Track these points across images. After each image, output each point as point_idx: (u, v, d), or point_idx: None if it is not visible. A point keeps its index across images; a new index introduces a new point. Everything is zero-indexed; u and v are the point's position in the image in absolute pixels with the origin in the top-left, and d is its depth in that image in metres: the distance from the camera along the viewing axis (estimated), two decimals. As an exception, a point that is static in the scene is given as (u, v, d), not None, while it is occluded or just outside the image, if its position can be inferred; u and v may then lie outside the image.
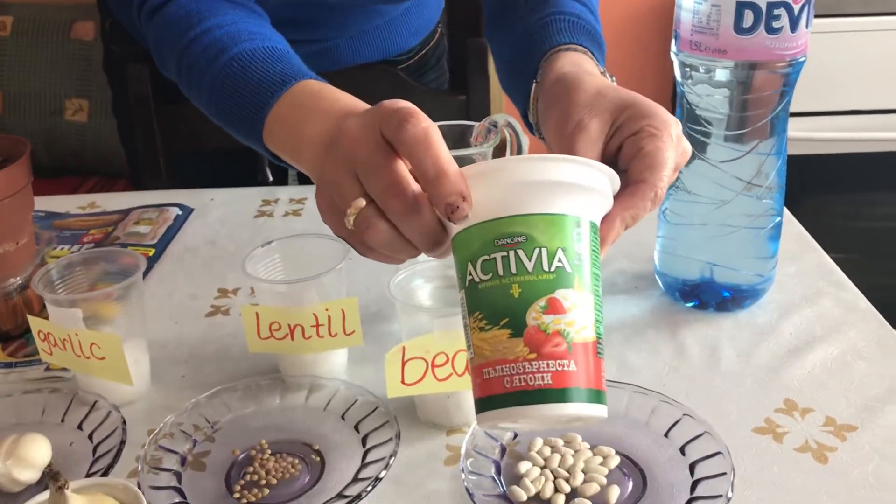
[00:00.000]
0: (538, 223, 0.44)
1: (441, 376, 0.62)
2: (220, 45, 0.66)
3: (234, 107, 0.64)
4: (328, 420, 0.65)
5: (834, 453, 0.62)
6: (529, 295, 0.44)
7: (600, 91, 0.56)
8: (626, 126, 0.54)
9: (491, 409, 0.44)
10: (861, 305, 0.80)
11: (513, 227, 0.44)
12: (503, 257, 0.44)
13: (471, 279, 0.45)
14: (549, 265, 0.44)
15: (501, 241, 0.44)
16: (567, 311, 0.44)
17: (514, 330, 0.43)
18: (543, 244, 0.44)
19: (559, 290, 0.44)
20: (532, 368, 0.43)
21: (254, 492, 0.59)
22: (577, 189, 0.45)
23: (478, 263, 0.45)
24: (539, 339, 0.43)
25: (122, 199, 1.09)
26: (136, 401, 0.71)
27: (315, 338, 0.67)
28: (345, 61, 1.08)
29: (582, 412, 0.44)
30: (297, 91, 0.61)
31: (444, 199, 0.45)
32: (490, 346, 0.44)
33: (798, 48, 0.68)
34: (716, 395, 0.68)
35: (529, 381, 0.43)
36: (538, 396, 0.43)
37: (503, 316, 0.44)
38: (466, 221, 0.46)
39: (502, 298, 0.44)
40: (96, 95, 2.01)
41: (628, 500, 0.57)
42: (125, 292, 0.68)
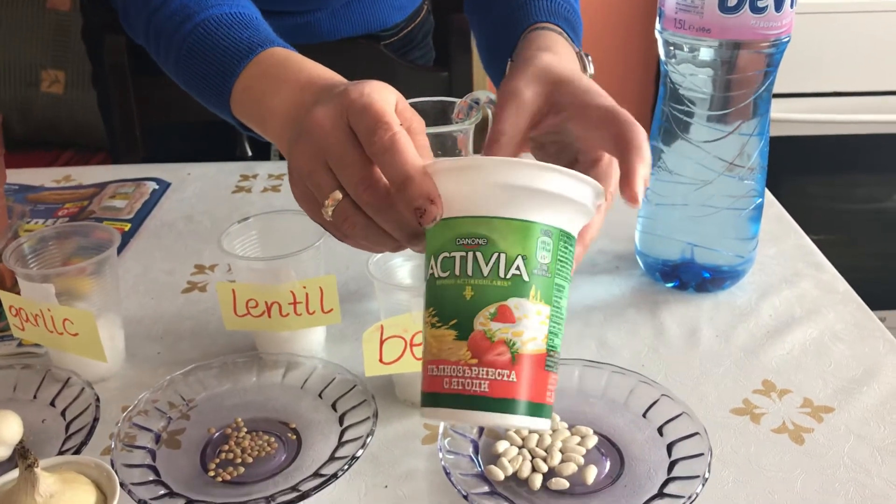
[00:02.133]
0: (501, 227, 0.43)
1: (419, 355, 0.61)
2: (185, 11, 0.65)
3: (201, 77, 0.63)
4: (305, 398, 0.65)
5: (810, 434, 0.62)
6: (480, 299, 0.43)
7: (540, 66, 0.56)
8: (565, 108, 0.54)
9: (432, 406, 0.44)
10: (840, 287, 0.80)
11: (476, 228, 0.43)
12: (462, 257, 0.43)
13: (431, 273, 0.45)
14: (505, 272, 0.43)
15: (463, 240, 0.44)
16: (516, 321, 0.43)
17: (461, 332, 0.43)
18: (503, 249, 0.43)
19: (511, 299, 0.43)
20: (471, 374, 0.43)
21: (229, 470, 0.58)
22: (549, 197, 0.44)
23: (439, 259, 0.44)
24: (483, 346, 0.43)
25: (98, 172, 1.07)
26: (111, 377, 0.70)
27: (293, 315, 0.66)
28: (326, 35, 1.06)
29: (517, 423, 0.43)
30: (262, 60, 0.60)
31: (411, 205, 0.45)
32: (437, 343, 0.44)
33: (782, 28, 0.68)
34: (694, 375, 0.68)
35: (466, 385, 0.43)
36: (473, 402, 0.43)
37: (452, 316, 0.43)
38: (445, 208, 0.45)
39: (454, 299, 0.44)
40: (73, 67, 1.97)
41: (605, 480, 0.57)
42: (99, 267, 0.67)
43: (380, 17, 1.07)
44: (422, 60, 1.18)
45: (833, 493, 0.56)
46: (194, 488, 0.57)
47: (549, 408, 0.44)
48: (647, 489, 0.56)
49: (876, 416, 0.63)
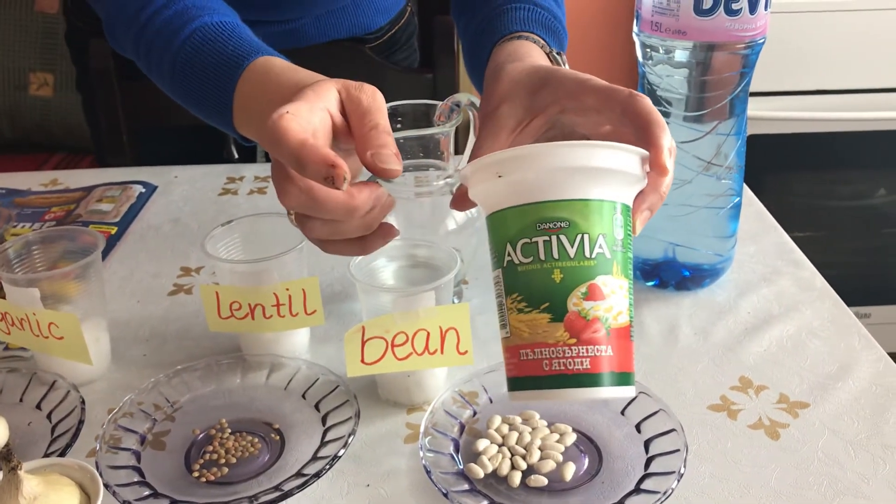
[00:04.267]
0: (581, 209, 0.45)
1: (401, 355, 0.62)
2: (171, 26, 0.66)
3: (199, 100, 0.65)
4: (289, 399, 0.65)
5: (786, 429, 0.63)
6: (571, 281, 0.44)
7: (517, 77, 0.56)
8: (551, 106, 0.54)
9: (527, 389, 0.46)
10: (817, 284, 0.81)
11: (556, 212, 0.45)
12: (545, 242, 0.45)
13: (509, 260, 0.46)
14: (590, 251, 0.45)
15: (543, 225, 0.45)
16: (606, 298, 0.45)
17: (555, 315, 0.45)
18: (586, 230, 0.44)
19: (599, 277, 0.45)
20: (572, 353, 0.44)
21: (213, 470, 0.59)
22: (616, 175, 0.45)
23: (518, 245, 0.45)
24: (579, 325, 0.44)
25: (85, 176, 1.08)
26: (97, 380, 0.70)
27: (276, 317, 0.67)
28: (312, 39, 1.07)
29: (615, 394, 0.45)
30: (248, 77, 0.61)
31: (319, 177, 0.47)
32: (529, 328, 0.45)
33: (757, 30, 0.69)
34: (673, 372, 0.69)
35: (569, 365, 0.44)
36: (576, 380, 0.44)
37: (544, 300, 0.45)
38: (506, 202, 0.46)
39: (543, 283, 0.45)
40: (62, 70, 1.97)
41: (584, 477, 0.58)
42: (83, 271, 0.68)
43: (364, 20, 1.08)
44: (406, 62, 1.19)
45: (806, 487, 0.57)
46: (179, 489, 0.57)
47: (634, 375, 0.47)
48: (625, 485, 0.57)
49: (850, 411, 0.64)
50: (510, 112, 0.55)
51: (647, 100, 0.51)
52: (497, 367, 0.67)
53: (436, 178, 0.74)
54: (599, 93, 0.52)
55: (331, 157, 0.46)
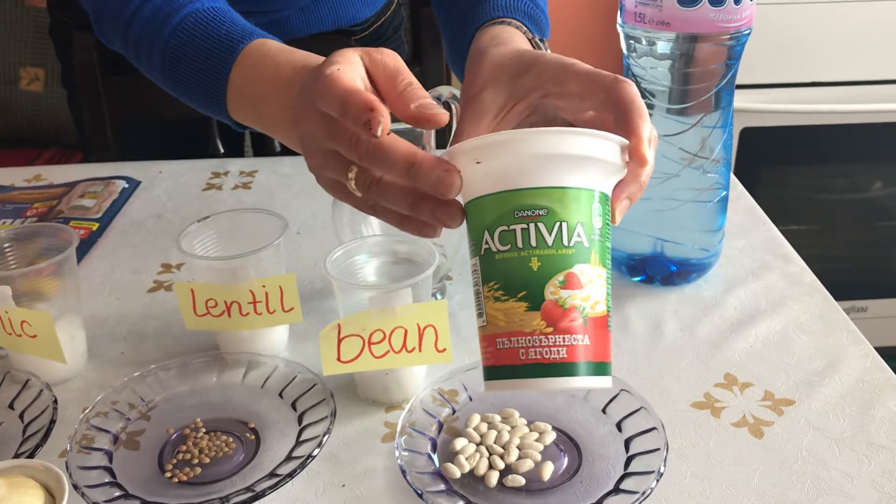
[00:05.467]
0: (560, 197, 0.44)
1: (378, 353, 0.61)
2: (160, 14, 0.64)
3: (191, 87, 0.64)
4: (265, 398, 0.64)
5: (770, 427, 0.62)
6: (548, 269, 0.44)
7: (499, 62, 0.55)
8: (534, 91, 0.53)
9: (502, 378, 0.45)
10: (806, 279, 0.80)
11: (534, 200, 0.44)
12: (523, 229, 0.44)
13: (487, 248, 0.45)
14: (568, 240, 0.44)
15: (521, 212, 0.44)
16: (583, 287, 0.44)
17: (532, 303, 0.44)
18: (564, 218, 0.44)
19: (577, 266, 0.44)
20: (548, 342, 0.44)
21: (185, 470, 0.58)
22: (596, 163, 0.45)
23: (495, 233, 0.45)
24: (556, 313, 0.44)
25: (69, 171, 1.07)
26: (72, 379, 0.69)
27: (252, 315, 0.66)
28: (297, 32, 1.05)
29: (591, 384, 0.45)
30: (243, 61, 0.60)
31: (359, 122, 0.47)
32: (506, 316, 0.44)
33: (742, 20, 0.68)
34: (657, 369, 0.68)
35: (545, 354, 0.44)
36: (552, 369, 0.44)
37: (521, 288, 0.44)
38: (483, 189, 0.45)
39: (520, 271, 0.44)
40: (52, 65, 1.96)
41: (562, 476, 0.57)
42: (58, 268, 0.67)
43: (349, 12, 1.07)
44: (393, 54, 1.18)
45: (789, 486, 0.56)
46: (150, 489, 0.56)
47: (611, 365, 0.46)
48: (604, 485, 0.56)
49: (835, 409, 0.63)
50: (493, 97, 0.54)
51: (632, 86, 0.49)
52: (478, 365, 0.66)
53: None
54: (583, 78, 0.51)
55: (372, 100, 0.46)
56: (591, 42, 1.93)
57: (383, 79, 0.51)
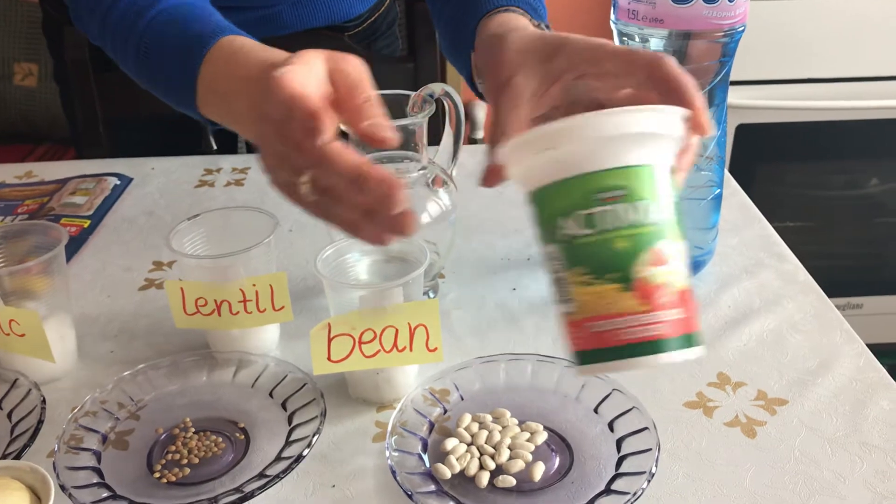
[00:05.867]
0: (637, 175, 0.43)
1: (368, 353, 0.61)
2: (135, 8, 0.64)
3: (164, 86, 0.63)
4: (256, 397, 0.64)
5: (763, 427, 0.61)
6: (635, 248, 0.43)
7: (524, 46, 0.55)
8: (568, 72, 0.53)
9: (601, 361, 0.44)
10: (800, 277, 0.79)
11: (612, 181, 0.43)
12: (604, 212, 0.43)
13: (566, 234, 0.44)
14: (649, 217, 0.43)
15: (602, 195, 0.43)
16: (668, 261, 0.44)
17: (623, 283, 0.43)
18: (643, 196, 0.43)
19: (660, 241, 0.43)
20: (647, 320, 0.43)
21: (174, 471, 0.58)
22: (666, 138, 0.44)
23: (575, 218, 0.44)
24: (648, 289, 0.43)
25: (60, 168, 1.06)
26: (62, 378, 0.69)
27: (243, 313, 0.65)
28: (290, 27, 1.05)
29: (688, 356, 0.44)
30: (214, 57, 0.59)
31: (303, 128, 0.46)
32: (597, 300, 0.44)
33: (736, 17, 0.67)
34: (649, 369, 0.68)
35: (645, 332, 0.43)
36: (652, 347, 0.43)
37: (609, 270, 0.43)
38: (552, 175, 0.44)
39: (607, 253, 0.43)
40: (46, 60, 1.95)
41: (554, 477, 0.57)
42: (47, 267, 0.66)
43: (343, 7, 1.06)
44: (387, 50, 1.17)
45: (782, 487, 0.56)
46: (139, 490, 0.56)
47: (702, 333, 0.46)
48: (595, 485, 0.55)
49: (829, 408, 0.63)
50: (525, 82, 0.54)
51: (673, 61, 0.50)
52: (470, 364, 0.65)
53: (413, 170, 0.73)
54: (620, 57, 0.51)
55: (317, 108, 0.46)
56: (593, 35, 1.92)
57: (343, 88, 0.51)
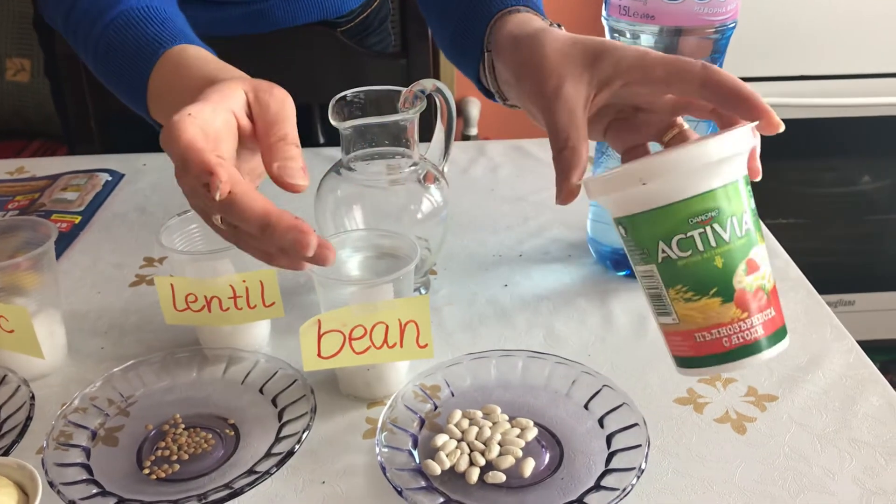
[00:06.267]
0: (724, 195, 0.47)
1: (359, 349, 0.61)
2: (97, 7, 0.64)
3: (117, 86, 0.63)
4: (246, 394, 0.64)
5: (753, 423, 0.62)
6: (732, 263, 0.48)
7: (564, 50, 0.55)
8: (615, 79, 0.54)
9: (707, 366, 0.50)
10: (792, 274, 0.80)
11: (704, 204, 0.47)
12: (701, 234, 0.47)
13: (665, 256, 0.48)
14: (740, 230, 0.48)
15: (695, 218, 0.47)
16: (760, 267, 0.48)
17: (725, 297, 0.48)
18: (732, 213, 0.47)
19: (751, 250, 0.48)
20: (746, 326, 0.48)
21: (164, 467, 0.57)
22: (742, 154, 0.48)
23: (673, 241, 0.48)
24: (747, 298, 0.48)
25: (52, 164, 1.06)
26: (51, 374, 0.69)
27: (233, 310, 0.65)
28: (281, 22, 1.05)
29: (783, 349, 0.49)
30: (163, 64, 0.60)
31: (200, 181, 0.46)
32: (702, 313, 0.48)
33: (727, 14, 0.67)
34: (640, 365, 0.68)
35: (746, 336, 0.48)
36: (754, 348, 0.49)
37: (711, 286, 0.48)
38: (648, 204, 0.47)
39: (707, 271, 0.48)
40: (39, 55, 1.94)
41: (544, 473, 0.57)
42: (36, 262, 0.66)
43: (335, 3, 1.06)
44: (379, 46, 1.17)
45: (771, 483, 0.56)
46: (128, 487, 0.56)
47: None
48: (585, 481, 0.55)
49: (818, 405, 0.63)
50: (576, 91, 0.54)
51: (723, 70, 0.51)
52: (461, 360, 0.65)
53: (404, 166, 0.73)
54: (669, 65, 0.52)
55: (211, 164, 0.45)
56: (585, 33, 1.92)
57: (262, 122, 0.51)
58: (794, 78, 1.67)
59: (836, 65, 1.67)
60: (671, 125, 0.55)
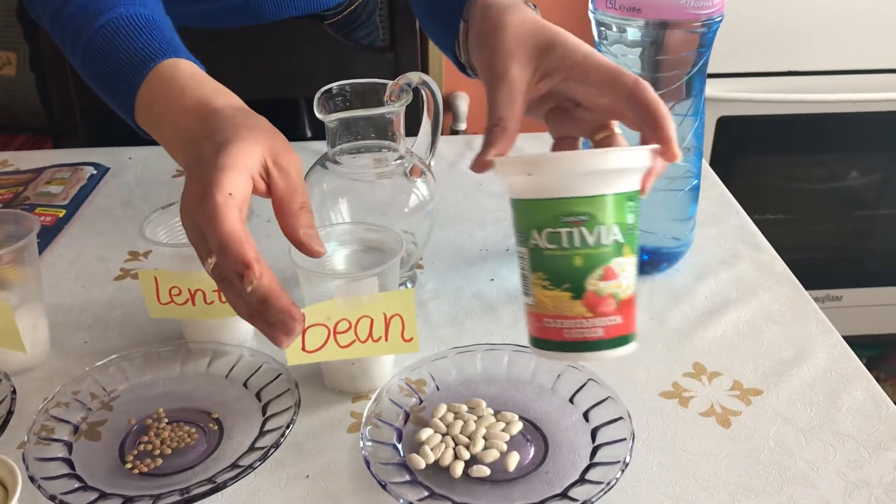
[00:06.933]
0: (600, 203, 0.50)
1: (343, 343, 0.60)
2: (85, 13, 0.63)
3: (106, 94, 0.63)
4: (230, 388, 0.64)
5: (737, 417, 0.62)
6: (589, 265, 0.50)
7: (521, 34, 0.57)
8: (556, 72, 0.56)
9: (549, 350, 0.53)
10: (777, 268, 0.80)
11: (578, 207, 0.50)
12: (568, 233, 0.50)
13: (535, 244, 0.51)
14: (607, 239, 0.50)
15: (567, 218, 0.50)
16: (618, 276, 0.51)
17: (575, 293, 0.51)
18: (603, 222, 0.50)
19: (613, 260, 0.50)
20: (588, 325, 0.51)
21: (146, 461, 0.57)
22: (631, 171, 0.50)
23: (543, 233, 0.51)
24: (595, 301, 0.51)
25: (36, 157, 1.05)
26: (34, 368, 0.68)
27: (217, 303, 0.65)
28: (270, 15, 1.04)
29: (623, 353, 0.52)
30: (153, 79, 0.59)
31: (233, 269, 0.49)
32: (552, 302, 0.51)
33: (713, 7, 0.67)
34: (625, 359, 0.67)
35: (586, 334, 0.51)
36: (591, 346, 0.52)
37: (565, 281, 0.51)
38: (532, 193, 0.51)
39: (565, 266, 0.51)
40: (24, 48, 1.92)
41: (528, 467, 0.57)
42: (18, 256, 0.65)
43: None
44: (366, 40, 1.17)
45: (755, 476, 0.56)
46: (110, 481, 0.55)
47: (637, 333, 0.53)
48: (569, 475, 0.55)
49: (803, 398, 0.63)
50: (521, 74, 0.57)
51: (651, 88, 0.53)
52: (446, 354, 0.65)
53: (390, 159, 0.72)
54: (605, 72, 0.55)
55: (250, 259, 0.49)
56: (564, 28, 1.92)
57: (283, 187, 0.53)
58: (781, 74, 1.67)
59: (824, 61, 1.68)
60: (604, 126, 0.57)
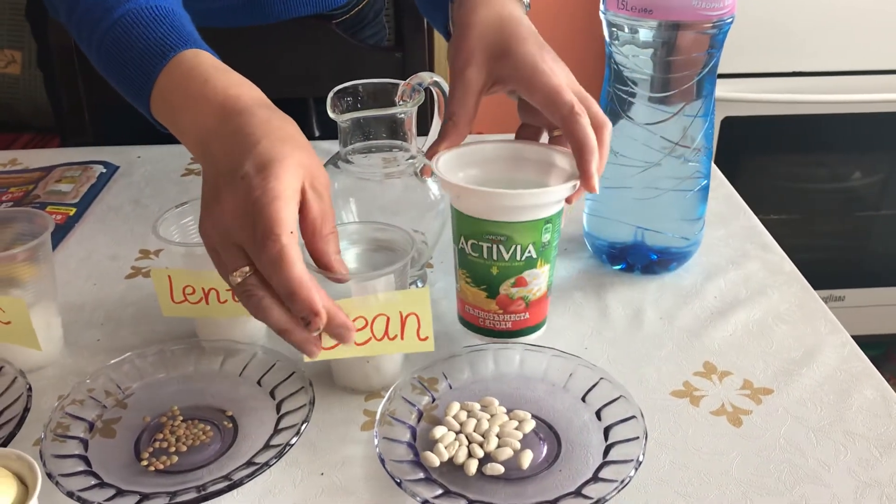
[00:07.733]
0: (518, 228, 0.60)
1: (359, 341, 0.61)
2: (104, 4, 0.63)
3: (120, 82, 0.63)
4: (244, 386, 0.64)
5: (748, 416, 0.62)
6: (504, 275, 0.62)
7: (484, 32, 0.62)
8: (508, 81, 0.62)
9: (468, 329, 0.66)
10: (786, 268, 0.80)
11: (497, 229, 0.60)
12: (488, 247, 0.61)
13: (462, 248, 0.63)
14: (521, 256, 0.61)
15: (488, 236, 0.61)
16: (529, 284, 0.62)
17: (490, 294, 0.63)
18: (519, 242, 0.60)
19: (526, 271, 0.62)
20: (500, 318, 0.64)
21: (162, 459, 0.57)
22: (549, 204, 0.60)
23: (469, 242, 0.62)
24: (507, 302, 0.63)
25: (45, 156, 1.05)
26: (48, 366, 0.68)
27: (231, 301, 0.65)
28: (278, 15, 1.04)
29: (524, 340, 0.65)
30: (172, 68, 0.60)
31: (298, 315, 0.51)
32: (472, 296, 0.64)
33: (724, 9, 0.67)
34: (636, 358, 0.68)
35: (497, 325, 0.64)
36: (501, 334, 0.65)
37: (483, 282, 0.63)
38: (463, 209, 0.61)
39: (483, 272, 0.62)
40: (29, 47, 1.93)
41: (542, 465, 0.57)
42: (32, 254, 0.66)
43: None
44: (373, 39, 1.17)
45: (766, 475, 0.57)
46: (126, 478, 0.56)
47: (545, 321, 0.66)
48: (583, 473, 0.56)
49: (813, 397, 0.64)
50: (477, 77, 0.63)
51: (584, 121, 0.59)
52: (459, 353, 0.65)
53: (402, 159, 0.73)
54: (546, 94, 0.60)
55: (317, 307, 0.50)
56: (574, 29, 1.93)
57: (316, 213, 0.54)
58: (786, 74, 1.67)
59: (829, 61, 1.68)
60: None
